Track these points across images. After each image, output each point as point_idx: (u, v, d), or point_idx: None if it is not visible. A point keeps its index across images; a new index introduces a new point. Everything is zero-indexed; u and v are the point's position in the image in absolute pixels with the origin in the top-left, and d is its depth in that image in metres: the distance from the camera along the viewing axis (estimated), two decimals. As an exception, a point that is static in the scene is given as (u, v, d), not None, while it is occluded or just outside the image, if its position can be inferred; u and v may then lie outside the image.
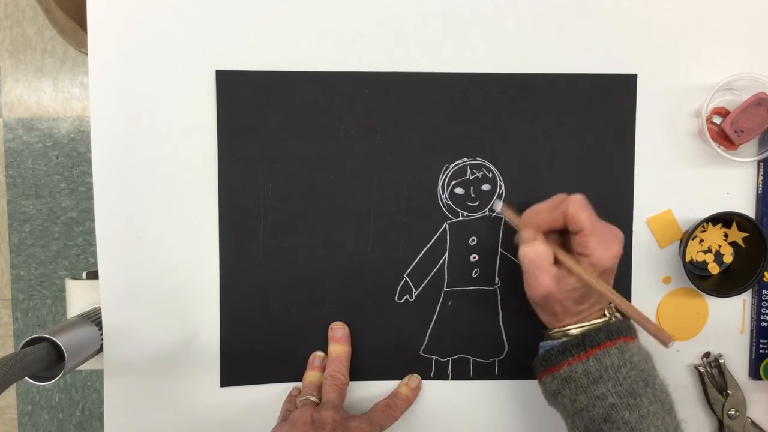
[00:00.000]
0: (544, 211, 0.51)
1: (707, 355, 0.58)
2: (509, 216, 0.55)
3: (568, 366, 0.48)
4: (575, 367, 0.48)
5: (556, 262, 0.49)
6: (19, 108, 1.38)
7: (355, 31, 0.56)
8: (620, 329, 0.48)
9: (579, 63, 0.56)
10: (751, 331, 0.58)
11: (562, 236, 0.52)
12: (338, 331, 0.57)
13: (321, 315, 0.57)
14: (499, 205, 0.56)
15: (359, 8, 0.55)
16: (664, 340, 0.47)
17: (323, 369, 0.56)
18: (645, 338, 0.58)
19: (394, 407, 0.55)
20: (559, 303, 0.49)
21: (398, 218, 0.57)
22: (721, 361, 0.58)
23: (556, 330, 0.50)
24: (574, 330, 0.49)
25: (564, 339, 0.49)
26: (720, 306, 0.58)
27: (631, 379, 0.47)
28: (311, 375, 0.56)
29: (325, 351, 0.57)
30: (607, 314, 0.50)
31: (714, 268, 0.58)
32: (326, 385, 0.54)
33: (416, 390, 0.57)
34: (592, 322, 0.49)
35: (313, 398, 0.53)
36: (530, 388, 0.58)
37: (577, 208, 0.49)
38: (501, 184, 0.57)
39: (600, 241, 0.48)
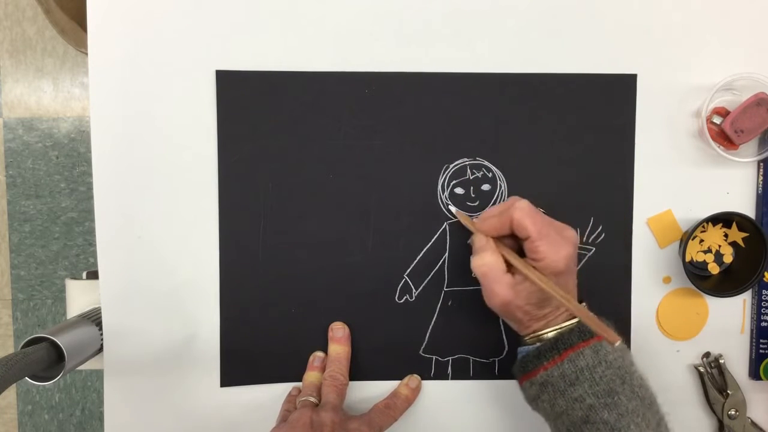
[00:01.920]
0: (493, 217, 0.50)
1: (707, 355, 0.58)
2: (464, 221, 0.55)
3: (544, 371, 0.48)
4: (551, 371, 0.48)
5: (511, 267, 0.49)
6: (19, 108, 1.38)
7: (355, 31, 0.56)
8: (591, 330, 0.48)
9: (579, 63, 0.56)
10: (751, 331, 0.58)
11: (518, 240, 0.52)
12: (338, 331, 0.57)
13: (321, 315, 0.57)
14: (453, 210, 0.56)
15: (359, 8, 0.55)
16: (611, 341, 0.46)
17: (323, 369, 0.56)
18: (644, 337, 0.58)
19: (394, 408, 0.55)
20: (519, 310, 0.48)
21: (398, 218, 0.57)
22: (721, 361, 0.58)
23: (530, 336, 0.50)
24: (548, 334, 0.49)
25: (538, 344, 0.49)
26: (720, 306, 0.58)
27: (608, 378, 0.47)
28: (311, 375, 0.56)
29: (325, 351, 0.57)
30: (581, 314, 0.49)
31: (714, 268, 0.58)
32: (326, 385, 0.54)
33: (416, 390, 0.57)
34: (564, 323, 0.49)
35: (312, 399, 0.53)
36: (530, 388, 0.58)
37: (521, 214, 0.48)
38: (501, 184, 0.57)
39: (549, 245, 0.47)
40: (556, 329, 0.49)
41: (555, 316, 0.49)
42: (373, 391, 0.58)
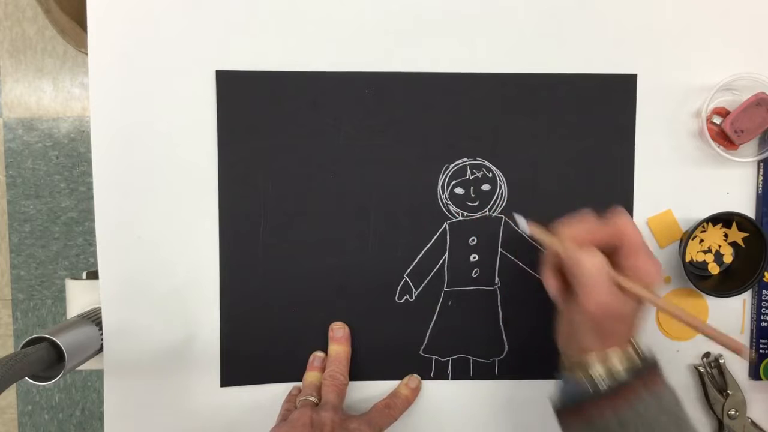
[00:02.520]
0: (585, 225, 0.47)
1: (707, 355, 0.58)
2: (538, 233, 0.50)
3: (596, 409, 0.44)
4: (603, 411, 0.43)
5: None
6: (19, 108, 1.38)
7: (355, 31, 0.56)
8: (647, 366, 0.45)
9: (579, 63, 0.56)
10: (751, 331, 0.58)
11: None
12: (338, 331, 0.57)
13: (321, 315, 0.57)
14: (523, 222, 0.52)
15: (359, 8, 0.55)
16: (740, 352, 0.42)
17: (323, 369, 0.56)
18: (644, 337, 0.58)
19: (394, 407, 0.55)
20: (611, 321, 0.44)
21: (398, 218, 0.57)
22: (721, 361, 0.58)
23: (579, 362, 0.46)
24: (598, 367, 0.45)
25: (589, 378, 0.45)
26: (720, 306, 0.58)
27: (662, 425, 0.43)
28: (311, 375, 0.56)
29: (325, 351, 0.57)
30: (632, 348, 0.46)
31: (714, 269, 0.58)
32: (326, 385, 0.54)
33: (416, 390, 0.57)
34: (617, 356, 0.45)
35: (312, 398, 0.53)
36: (530, 388, 0.58)
37: (627, 221, 0.46)
38: (501, 184, 0.57)
39: (649, 257, 0.45)
40: (608, 364, 0.45)
41: (614, 342, 0.45)
42: (373, 391, 0.58)
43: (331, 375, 0.54)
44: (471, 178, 0.57)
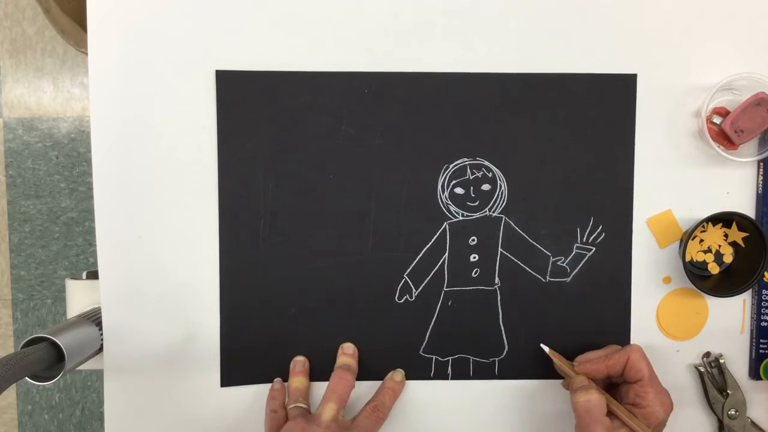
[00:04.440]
0: (598, 359, 0.52)
1: (707, 355, 0.58)
2: (558, 362, 0.55)
3: None
4: None
5: (608, 413, 0.49)
6: (19, 108, 1.38)
7: (355, 31, 0.56)
8: None
9: (579, 63, 0.56)
10: (751, 331, 0.58)
11: (609, 389, 0.54)
12: (348, 349, 0.57)
13: (321, 315, 0.57)
14: (546, 350, 0.56)
15: (359, 8, 0.55)
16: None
17: (306, 373, 0.56)
18: (644, 337, 0.58)
19: (381, 408, 0.55)
20: None
21: (398, 218, 0.57)
22: (722, 360, 0.58)
23: None
24: None
25: None
26: (720, 306, 0.58)
27: None
28: (297, 381, 0.56)
29: (325, 351, 0.57)
30: None
31: (714, 268, 0.58)
32: (330, 392, 0.54)
33: (401, 382, 0.57)
34: None
35: (303, 405, 0.54)
36: (530, 388, 0.58)
37: (639, 356, 0.51)
38: (501, 184, 0.57)
39: (657, 393, 0.49)
40: None
41: None
42: (372, 391, 0.57)
43: (341, 374, 0.54)
44: (471, 178, 0.57)
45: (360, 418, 0.54)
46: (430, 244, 0.57)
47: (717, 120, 0.56)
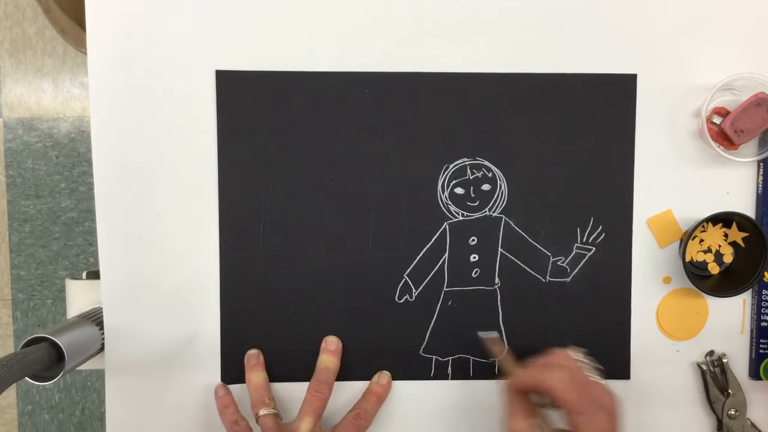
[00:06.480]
0: (533, 376, 0.47)
1: (710, 353, 0.58)
2: (508, 365, 0.53)
3: None
4: None
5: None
6: (19, 108, 1.38)
7: (355, 31, 0.56)
8: None
9: (579, 63, 0.56)
10: (751, 331, 0.58)
11: None
12: (332, 344, 0.56)
13: (321, 315, 0.57)
14: (491, 335, 0.55)
15: (359, 8, 0.55)
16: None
17: (263, 366, 0.55)
18: (644, 336, 0.58)
19: (364, 416, 0.54)
20: None
21: (398, 218, 0.57)
22: (724, 360, 0.58)
23: None
24: None
25: None
26: (720, 306, 0.58)
27: None
28: (256, 376, 0.55)
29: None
30: None
31: (714, 268, 0.58)
32: (310, 395, 0.53)
33: (387, 386, 0.56)
34: None
35: (273, 411, 0.52)
36: (530, 388, 0.58)
37: (558, 385, 0.44)
38: (501, 184, 0.57)
39: (588, 420, 0.44)
40: None
41: None
42: (373, 391, 0.58)
43: (317, 387, 0.53)
44: (471, 178, 0.57)
45: (340, 427, 0.53)
46: (430, 244, 0.57)
47: (717, 120, 0.56)
